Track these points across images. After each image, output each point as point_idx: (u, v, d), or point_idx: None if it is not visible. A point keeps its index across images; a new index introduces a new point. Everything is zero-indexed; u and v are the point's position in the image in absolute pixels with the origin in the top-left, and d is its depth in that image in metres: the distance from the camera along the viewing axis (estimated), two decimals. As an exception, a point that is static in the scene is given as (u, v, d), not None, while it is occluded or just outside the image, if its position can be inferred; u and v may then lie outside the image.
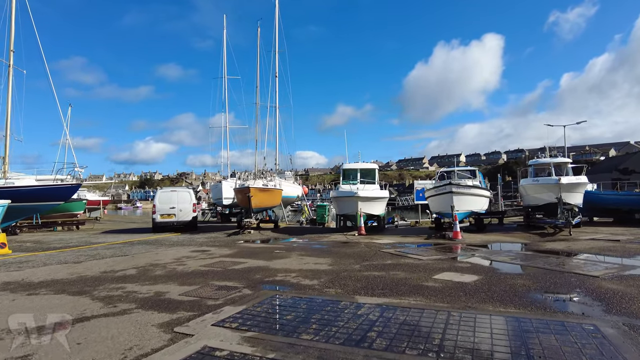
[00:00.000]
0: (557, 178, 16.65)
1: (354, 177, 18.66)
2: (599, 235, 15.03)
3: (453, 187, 15.86)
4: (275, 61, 32.98)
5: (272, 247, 13.22)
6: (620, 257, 10.09)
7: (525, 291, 6.64)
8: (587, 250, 11.41)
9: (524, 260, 9.91)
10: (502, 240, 14.30)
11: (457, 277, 7.84)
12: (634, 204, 20.72)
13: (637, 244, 12.46)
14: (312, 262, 9.83)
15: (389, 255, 10.86)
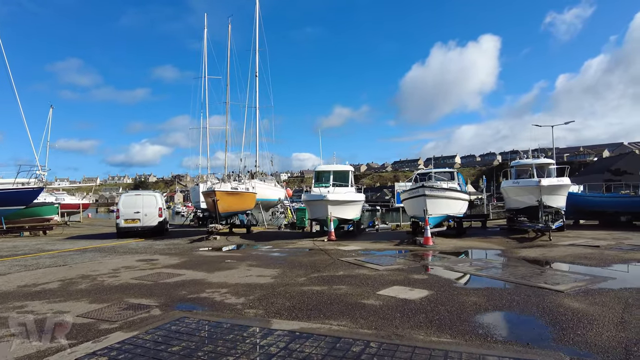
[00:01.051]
0: (538, 180, 15.81)
1: (326, 180, 17.76)
2: (580, 240, 14.18)
3: (426, 190, 14.98)
4: (255, 60, 32.07)
5: (226, 256, 12.30)
6: (594, 267, 9.23)
7: (474, 312, 5.74)
8: (561, 258, 10.55)
9: (489, 271, 9.03)
10: (476, 247, 13.43)
11: (405, 292, 6.95)
12: (619, 207, 19.90)
13: (616, 250, 11.61)
14: (255, 275, 8.91)
15: (346, 265, 9.97)
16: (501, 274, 8.47)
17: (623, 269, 9.17)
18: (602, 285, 7.28)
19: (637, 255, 10.67)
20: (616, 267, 9.21)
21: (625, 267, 9.36)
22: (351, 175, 18.29)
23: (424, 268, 9.67)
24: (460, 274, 8.76)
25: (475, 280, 8.27)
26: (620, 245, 12.74)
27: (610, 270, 8.84)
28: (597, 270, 8.83)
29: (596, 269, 8.97)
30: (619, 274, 8.65)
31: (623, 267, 9.33)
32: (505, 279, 8.01)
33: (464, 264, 9.90)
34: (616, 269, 9.02)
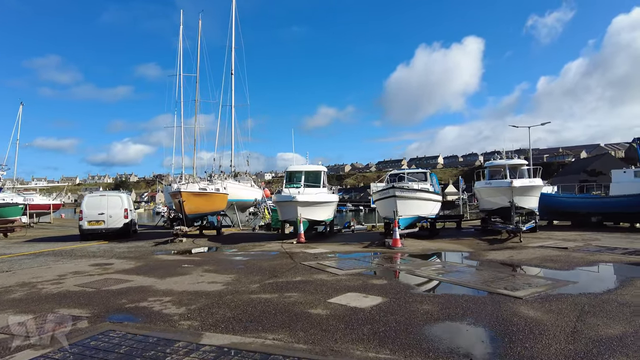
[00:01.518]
0: (510, 181, 15.69)
1: (298, 180, 17.34)
2: (549, 241, 14.07)
3: (396, 191, 14.71)
4: (231, 58, 31.46)
5: (185, 260, 11.78)
6: (558, 270, 9.04)
7: (423, 323, 5.41)
8: (528, 261, 10.35)
9: (451, 275, 8.74)
10: (444, 249, 13.18)
11: (358, 300, 6.58)
12: (591, 207, 19.99)
13: (583, 252, 11.48)
14: (207, 281, 8.45)
15: (307, 270, 9.57)
16: (463, 279, 8.18)
17: (586, 272, 9.00)
18: (562, 290, 7.04)
19: (602, 257, 10.55)
20: (580, 270, 9.03)
21: (588, 270, 9.19)
22: (324, 176, 17.92)
23: (385, 272, 9.35)
24: (420, 279, 8.44)
25: (434, 286, 7.98)
26: (587, 246, 12.64)
27: (573, 274, 8.66)
28: (561, 274, 8.64)
29: (560, 273, 8.79)
30: (582, 277, 8.46)
31: (586, 270, 9.16)
32: (466, 284, 7.72)
33: (427, 267, 9.60)
34: (579, 272, 8.84)
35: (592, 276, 8.73)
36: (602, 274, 8.95)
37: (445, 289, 7.60)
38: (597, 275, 8.89)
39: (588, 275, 8.73)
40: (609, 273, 9.03)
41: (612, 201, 19.14)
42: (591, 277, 8.66)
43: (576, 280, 7.92)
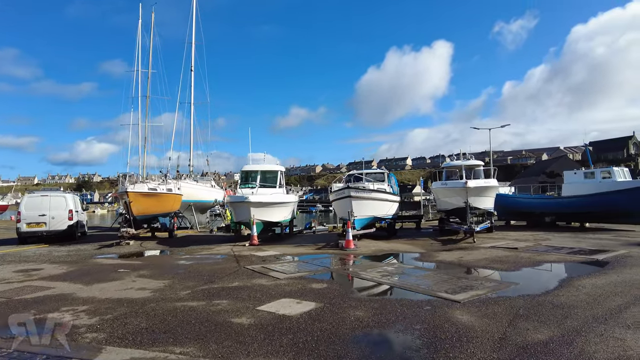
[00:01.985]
0: (464, 182, 15.73)
1: (253, 180, 16.82)
2: (502, 241, 14.15)
3: (351, 192, 14.46)
4: (191, 53, 30.54)
5: (123, 265, 11.06)
6: (504, 271, 8.97)
7: (350, 330, 5.08)
8: (476, 262, 10.25)
9: (396, 278, 8.48)
10: (397, 250, 12.99)
11: (289, 306, 6.19)
12: (544, 208, 20.43)
13: (532, 252, 11.53)
14: (137, 287, 7.86)
15: (249, 274, 9.11)
16: (406, 282, 7.93)
17: (530, 273, 8.96)
18: (502, 293, 6.89)
19: (548, 257, 10.60)
20: (524, 271, 8.99)
21: (532, 271, 9.16)
22: (280, 176, 17.46)
23: (328, 275, 9.02)
24: (363, 283, 8.16)
25: (375, 289, 7.69)
26: (537, 246, 12.76)
27: (517, 275, 8.61)
28: (506, 275, 8.57)
29: (505, 274, 8.71)
30: (525, 278, 8.41)
31: (530, 271, 9.13)
32: (408, 287, 7.47)
33: (374, 269, 9.32)
34: (523, 274, 8.80)
35: (534, 277, 8.68)
36: (544, 275, 8.91)
37: (385, 292, 7.34)
38: (539, 276, 8.85)
39: (531, 276, 8.68)
40: (552, 273, 9.01)
41: (564, 202, 19.60)
42: (534, 278, 8.60)
43: (518, 281, 7.81)
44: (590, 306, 5.91)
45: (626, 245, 12.59)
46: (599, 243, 13.33)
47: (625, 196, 17.41)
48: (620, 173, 18.47)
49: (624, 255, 10.57)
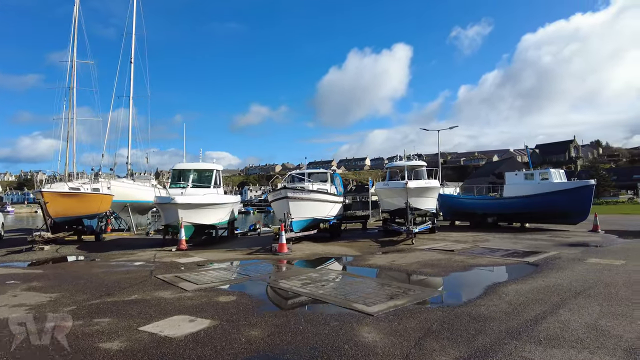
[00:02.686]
0: (405, 182, 15.41)
1: (185, 179, 15.72)
2: (441, 243, 13.91)
3: (289, 192, 13.74)
4: (131, 45, 28.75)
5: (18, 275, 9.71)
6: (432, 277, 8.56)
7: (233, 356, 4.33)
8: (408, 266, 9.81)
9: (315, 286, 7.82)
10: (332, 253, 12.40)
11: (178, 326, 5.36)
12: (487, 208, 20.63)
13: (466, 255, 11.27)
14: (12, 304, 6.72)
15: (157, 284, 8.17)
16: (325, 291, 7.28)
17: (457, 279, 8.58)
18: (421, 302, 6.39)
19: (481, 261, 10.33)
20: (452, 277, 8.61)
21: (461, 276, 8.80)
22: (217, 175, 16.43)
23: (244, 286, 8.24)
24: (278, 293, 7.44)
25: (288, 301, 6.99)
26: (474, 249, 12.57)
27: (445, 281, 8.23)
28: (433, 282, 8.16)
29: (433, 280, 8.30)
30: (451, 285, 8.04)
31: (459, 276, 8.76)
32: (324, 297, 6.82)
33: (297, 277, 8.63)
34: (451, 279, 8.41)
35: (461, 284, 8.30)
36: (472, 281, 8.56)
37: (296, 305, 6.65)
38: (467, 282, 8.49)
39: (458, 283, 8.31)
40: (480, 279, 8.67)
41: (505, 202, 19.85)
42: (460, 284, 8.22)
43: (443, 289, 7.38)
44: (507, 317, 5.49)
45: (558, 246, 12.65)
46: (534, 244, 13.35)
47: (562, 197, 17.79)
48: (556, 175, 18.88)
49: (554, 257, 10.49)
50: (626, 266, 9.01)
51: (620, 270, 8.57)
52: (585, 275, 8.15)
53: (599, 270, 8.64)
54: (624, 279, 7.64)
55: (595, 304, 6.03)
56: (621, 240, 14.17)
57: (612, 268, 8.80)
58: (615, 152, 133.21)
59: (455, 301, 6.50)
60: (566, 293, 6.72)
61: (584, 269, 8.77)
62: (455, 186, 38.19)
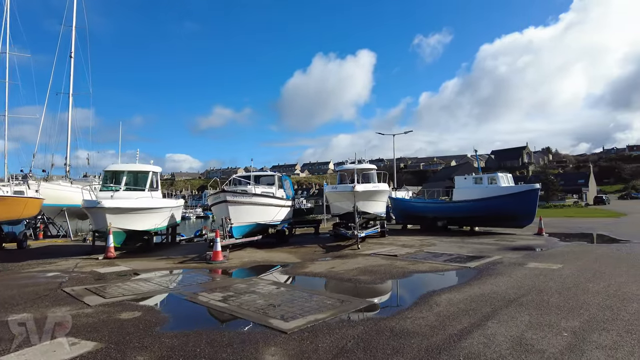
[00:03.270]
0: (352, 185, 15.00)
1: (117, 182, 14.56)
2: (387, 248, 13.54)
3: (227, 196, 12.97)
4: (71, 38, 26.96)
5: None
6: (368, 285, 8.08)
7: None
8: (345, 273, 9.29)
9: (235, 300, 7.12)
10: (272, 261, 11.71)
11: (52, 352, 4.53)
12: (437, 212, 20.61)
13: (409, 260, 10.90)
14: None
15: (60, 298, 7.23)
16: (243, 305, 6.59)
17: (392, 287, 8.15)
18: (344, 316, 5.85)
19: (422, 266, 9.96)
20: (387, 285, 8.17)
21: (397, 284, 8.36)
22: (153, 177, 15.36)
23: (159, 299, 7.43)
24: (190, 308, 6.69)
25: (199, 317, 6.25)
26: (418, 253, 12.26)
27: (378, 289, 7.80)
28: (366, 290, 7.68)
29: (367, 288, 7.83)
30: (383, 294, 7.64)
31: (395, 284, 8.33)
32: (240, 312, 6.13)
33: (222, 289, 7.90)
34: (386, 287, 7.98)
35: (395, 292, 7.86)
36: (407, 288, 8.15)
37: (205, 322, 5.94)
38: (402, 290, 8.07)
39: (392, 291, 7.87)
40: (415, 286, 8.26)
41: (454, 206, 19.88)
42: (394, 293, 7.78)
43: (374, 299, 6.89)
44: (432, 332, 5.02)
45: (502, 250, 12.56)
46: (479, 248, 13.22)
47: (510, 200, 17.96)
48: (504, 179, 19.09)
49: (496, 262, 10.29)
50: (562, 270, 8.88)
51: (556, 275, 8.41)
52: (521, 281, 7.90)
53: (535, 275, 8.44)
54: (557, 285, 7.43)
55: (525, 313, 5.69)
56: (562, 243, 14.34)
57: (548, 273, 8.64)
58: (563, 158, 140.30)
59: (381, 313, 6.00)
60: (499, 302, 6.38)
61: (522, 275, 8.55)
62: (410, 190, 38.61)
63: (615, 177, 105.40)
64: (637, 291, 6.84)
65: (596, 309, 5.83)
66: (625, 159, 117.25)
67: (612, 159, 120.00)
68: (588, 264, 9.74)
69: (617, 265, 9.38)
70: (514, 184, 19.83)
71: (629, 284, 7.41)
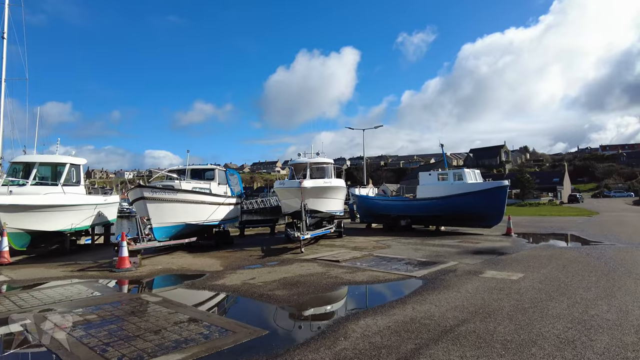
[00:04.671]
0: (299, 181, 13.32)
1: (25, 175, 12.50)
2: (335, 251, 11.92)
3: (145, 192, 11.13)
4: (4, 15, 24.30)
5: None
6: (277, 304, 6.39)
7: None
8: (264, 286, 7.60)
9: (80, 329, 5.36)
10: (190, 268, 9.91)
11: None
12: (400, 210, 19.09)
13: (348, 268, 9.27)
14: None
15: None
16: (101, 333, 4.84)
17: (305, 306, 6.41)
18: (206, 357, 4.14)
19: (358, 277, 8.34)
20: (302, 304, 6.46)
21: (314, 302, 6.67)
22: (72, 170, 13.31)
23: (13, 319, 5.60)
24: (26, 341, 4.90)
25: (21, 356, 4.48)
26: (365, 258, 10.68)
27: (284, 312, 6.11)
28: (266, 312, 6.01)
29: (267, 311, 6.13)
30: (285, 319, 6.00)
31: (312, 302, 6.64)
32: (102, 338, 4.38)
33: (86, 308, 6.12)
34: (295, 309, 6.26)
35: (303, 315, 6.09)
36: (324, 309, 6.51)
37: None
38: (316, 311, 6.39)
39: (300, 314, 6.11)
40: (335, 306, 6.60)
41: (418, 204, 18.38)
42: (300, 317, 6.00)
43: (265, 331, 5.16)
44: (312, 391, 3.36)
45: (462, 254, 11.10)
46: (437, 252, 11.73)
47: (476, 198, 16.57)
48: (470, 175, 17.69)
49: (448, 270, 8.77)
50: (522, 282, 7.39)
51: (514, 289, 6.90)
52: (469, 298, 6.35)
53: (489, 289, 6.92)
54: (511, 305, 5.89)
55: (457, 354, 4.10)
56: (529, 246, 12.98)
57: (505, 286, 7.13)
58: (540, 157, 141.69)
59: (261, 353, 4.31)
60: (430, 332, 4.79)
61: (473, 289, 7.02)
62: (389, 187, 37.02)
63: (589, 176, 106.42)
64: (607, 314, 5.36)
65: (554, 346, 4.29)
66: (598, 158, 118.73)
67: (586, 158, 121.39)
68: (553, 272, 8.30)
69: (586, 275, 7.95)
70: (482, 180, 18.44)
71: (597, 302, 5.94)
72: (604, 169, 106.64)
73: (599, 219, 24.61)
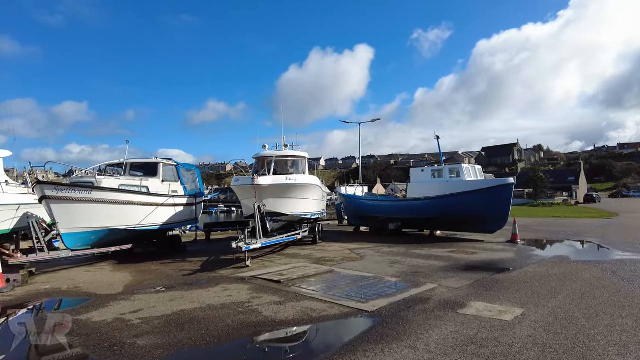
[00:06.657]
0: (252, 177, 10.96)
1: None
2: (288, 266, 9.55)
3: (46, 190, 8.85)
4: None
5: None
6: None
7: None
8: (139, 326, 5.23)
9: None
10: (86, 289, 7.58)
11: None
12: (389, 212, 16.53)
13: (283, 294, 6.84)
14: None
15: None
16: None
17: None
18: None
19: (284, 312, 5.88)
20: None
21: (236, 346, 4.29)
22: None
23: None
24: None
25: None
26: (321, 275, 8.24)
27: None
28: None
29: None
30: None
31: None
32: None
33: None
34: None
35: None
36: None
37: None
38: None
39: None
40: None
41: (409, 205, 15.79)
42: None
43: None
44: None
45: (448, 271, 8.62)
46: (418, 266, 9.27)
47: (475, 198, 13.96)
48: (469, 171, 15.08)
49: (418, 299, 6.31)
50: (517, 328, 4.89)
51: (503, 343, 4.40)
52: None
53: (465, 342, 4.45)
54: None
55: None
56: (537, 258, 10.41)
57: (490, 337, 4.64)
58: (554, 156, 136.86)
59: None
60: None
61: (441, 340, 4.55)
62: (398, 186, 34.55)
63: (606, 175, 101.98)
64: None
65: None
66: (616, 157, 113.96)
67: (603, 157, 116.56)
68: (567, 306, 5.77)
69: (616, 313, 5.41)
70: (483, 177, 15.81)
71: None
72: (622, 167, 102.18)
73: (621, 222, 21.70)
